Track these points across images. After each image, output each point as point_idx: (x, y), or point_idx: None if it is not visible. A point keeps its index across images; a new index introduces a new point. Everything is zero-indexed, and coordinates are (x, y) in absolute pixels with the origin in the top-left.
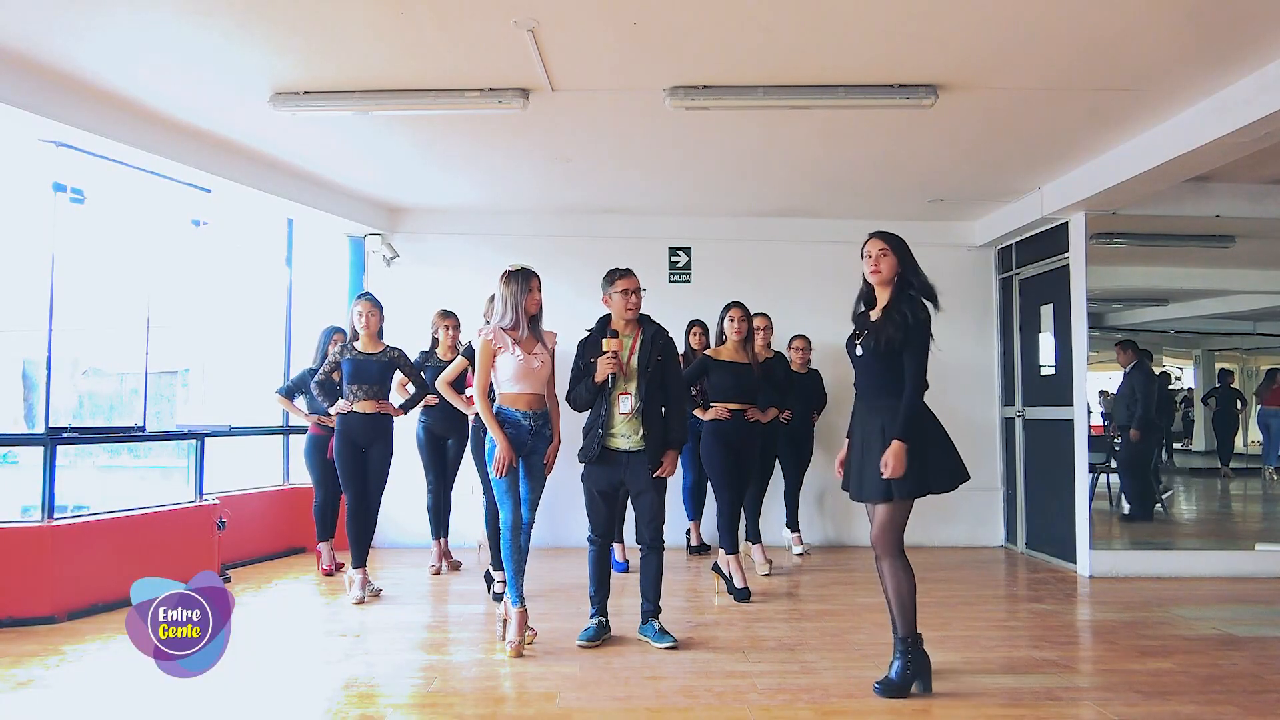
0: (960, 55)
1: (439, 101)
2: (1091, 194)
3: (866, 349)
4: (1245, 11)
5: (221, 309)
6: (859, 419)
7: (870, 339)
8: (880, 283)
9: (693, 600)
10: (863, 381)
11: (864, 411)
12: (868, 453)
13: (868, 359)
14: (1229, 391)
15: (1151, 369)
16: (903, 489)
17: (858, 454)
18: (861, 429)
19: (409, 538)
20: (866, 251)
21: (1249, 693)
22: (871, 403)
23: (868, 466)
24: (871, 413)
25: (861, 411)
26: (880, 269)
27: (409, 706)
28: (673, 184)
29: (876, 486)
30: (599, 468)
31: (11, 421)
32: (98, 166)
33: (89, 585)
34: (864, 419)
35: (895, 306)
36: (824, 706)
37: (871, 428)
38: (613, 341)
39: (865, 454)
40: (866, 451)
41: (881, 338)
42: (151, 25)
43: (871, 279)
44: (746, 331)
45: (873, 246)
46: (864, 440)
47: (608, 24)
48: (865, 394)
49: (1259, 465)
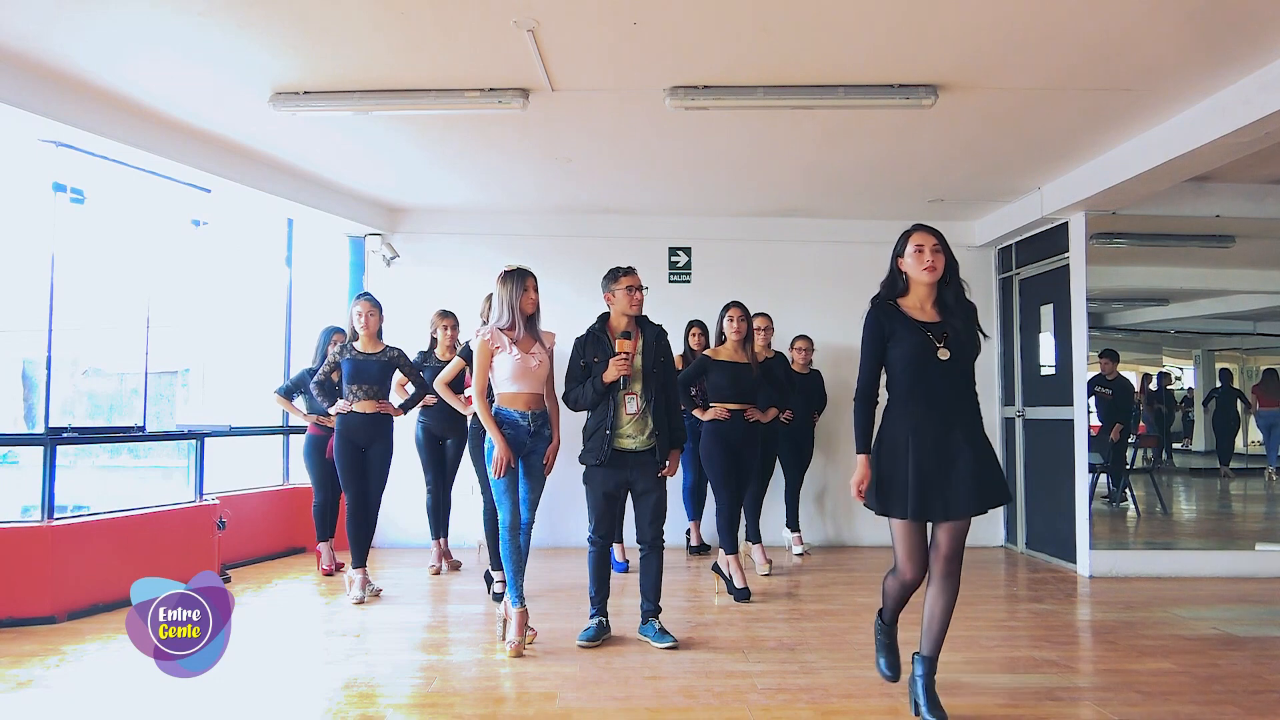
0: (960, 55)
1: (439, 101)
2: (1091, 194)
3: (957, 352)
4: (1245, 12)
5: (221, 309)
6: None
7: (958, 343)
8: (931, 281)
9: (693, 600)
10: (939, 388)
11: (936, 421)
12: (950, 465)
13: (951, 366)
14: (1230, 392)
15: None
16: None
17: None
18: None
19: (409, 538)
20: (917, 245)
21: (1249, 693)
22: (948, 412)
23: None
24: (948, 424)
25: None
26: (938, 266)
27: (409, 706)
28: (673, 184)
29: (992, 491)
30: (608, 470)
31: (11, 421)
32: (98, 166)
33: (89, 585)
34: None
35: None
36: (824, 706)
37: (951, 438)
38: (627, 343)
39: (946, 467)
40: (948, 464)
41: (969, 342)
42: (152, 25)
43: (925, 277)
44: (746, 331)
45: (926, 241)
46: (941, 453)
47: (608, 24)
48: (939, 402)
49: (1260, 465)
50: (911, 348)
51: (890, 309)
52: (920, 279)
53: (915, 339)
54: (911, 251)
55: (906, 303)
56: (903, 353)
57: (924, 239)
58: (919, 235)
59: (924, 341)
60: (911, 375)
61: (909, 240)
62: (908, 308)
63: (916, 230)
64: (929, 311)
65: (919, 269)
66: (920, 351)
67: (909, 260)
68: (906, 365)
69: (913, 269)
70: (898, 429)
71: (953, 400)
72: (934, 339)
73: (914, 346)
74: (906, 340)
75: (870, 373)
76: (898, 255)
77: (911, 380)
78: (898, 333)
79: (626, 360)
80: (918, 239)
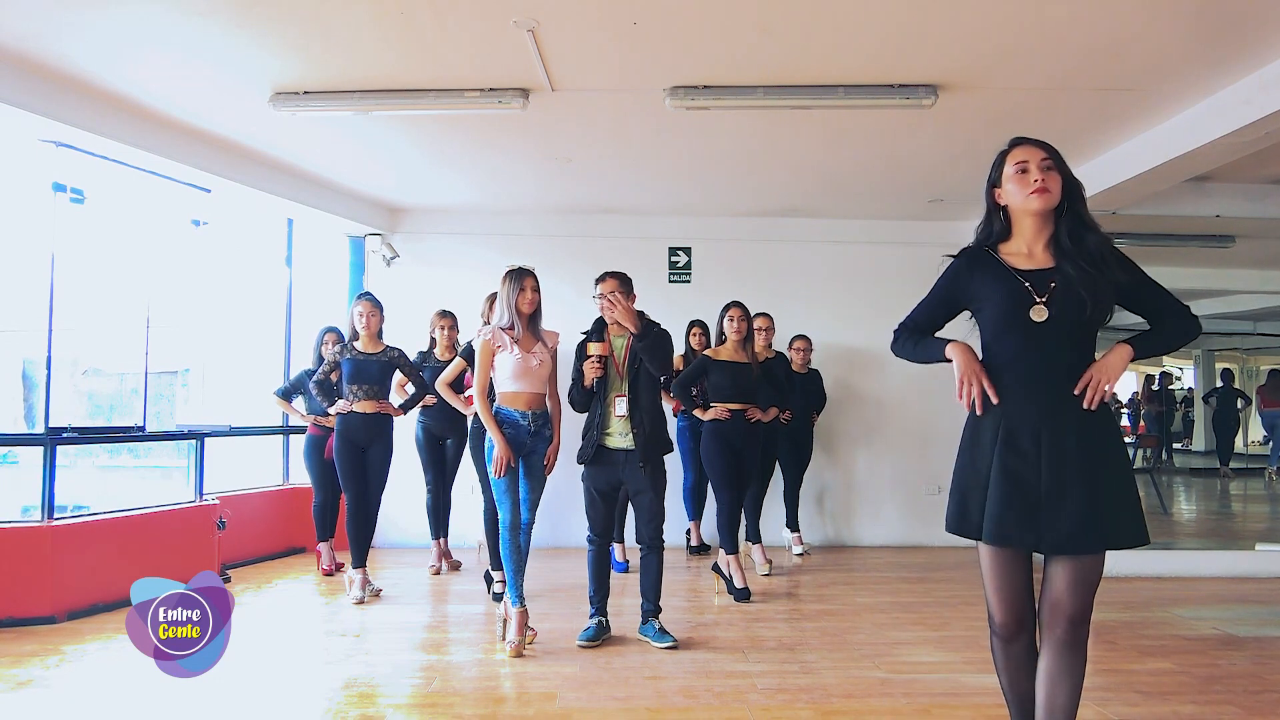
0: (960, 55)
1: (439, 101)
2: (1092, 194)
3: (1064, 311)
4: (1245, 12)
5: (221, 309)
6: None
7: (1069, 297)
8: (1046, 208)
9: (693, 600)
10: (1038, 364)
11: (1034, 413)
12: (1055, 476)
13: (1061, 326)
14: (1230, 392)
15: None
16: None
17: (1028, 477)
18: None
19: (409, 538)
20: (1019, 164)
21: (1249, 693)
22: (1056, 399)
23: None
24: (1055, 417)
25: (1029, 413)
26: (1050, 188)
27: (409, 706)
28: (673, 184)
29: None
30: (597, 467)
31: (11, 421)
32: (98, 166)
33: (89, 585)
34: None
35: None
36: (824, 706)
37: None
38: (596, 346)
39: (1049, 478)
40: (1054, 474)
41: (1097, 294)
42: (152, 24)
43: (1034, 203)
44: (746, 331)
45: (1032, 156)
46: (1047, 457)
47: (608, 24)
48: (1039, 384)
49: (1260, 466)
50: (999, 305)
51: (982, 256)
52: (1027, 207)
53: (1006, 292)
54: (1012, 173)
55: (1009, 248)
56: (990, 314)
57: (1029, 153)
58: (1022, 149)
59: (1017, 295)
60: (1002, 345)
61: (1008, 158)
62: (1009, 254)
63: (1018, 144)
64: (1040, 256)
65: (1023, 194)
66: (1009, 311)
67: (1010, 187)
68: (995, 331)
69: (1015, 196)
70: (985, 419)
71: (1061, 382)
72: (1033, 292)
73: (1003, 303)
74: (996, 295)
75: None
76: (993, 185)
77: (1003, 352)
78: (986, 287)
79: (597, 364)
80: (1020, 154)
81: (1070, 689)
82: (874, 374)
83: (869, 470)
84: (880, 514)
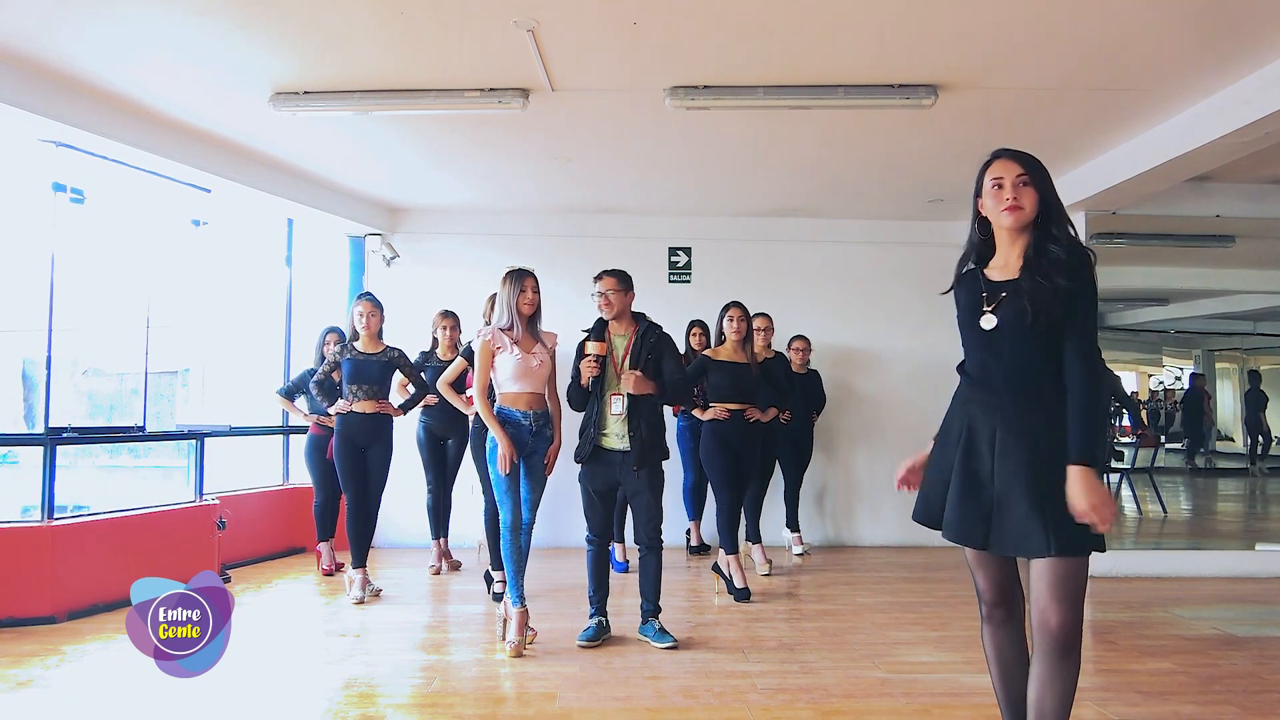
0: (960, 55)
1: (439, 101)
2: (1091, 194)
3: (1008, 320)
4: (1245, 12)
5: (221, 309)
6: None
7: (1014, 305)
8: (1017, 225)
9: (693, 600)
10: (992, 370)
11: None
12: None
13: (1008, 334)
14: (1257, 395)
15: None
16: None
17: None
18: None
19: (409, 538)
20: (995, 181)
21: (1249, 693)
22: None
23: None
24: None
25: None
26: (1023, 204)
27: (409, 706)
28: (673, 184)
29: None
30: (594, 467)
31: (11, 421)
32: (98, 166)
33: (89, 585)
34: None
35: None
36: (824, 706)
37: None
38: (594, 345)
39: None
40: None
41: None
42: (152, 25)
43: (1005, 220)
44: (745, 331)
45: (1007, 171)
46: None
47: (608, 24)
48: (992, 389)
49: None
50: (960, 314)
51: (969, 273)
52: (1000, 223)
53: (966, 302)
54: (989, 187)
55: (994, 260)
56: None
57: (1005, 168)
58: (1000, 164)
59: (974, 304)
60: (966, 352)
61: (987, 172)
62: (991, 266)
63: (998, 158)
64: (1012, 267)
65: (997, 209)
66: (965, 320)
67: (987, 201)
68: (961, 339)
69: (990, 211)
70: (955, 417)
71: (1014, 389)
72: (985, 301)
73: (961, 312)
74: (960, 304)
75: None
76: (976, 195)
77: (968, 359)
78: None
79: (594, 363)
80: (997, 169)
81: (1060, 694)
82: (874, 374)
83: (869, 470)
84: (880, 514)
